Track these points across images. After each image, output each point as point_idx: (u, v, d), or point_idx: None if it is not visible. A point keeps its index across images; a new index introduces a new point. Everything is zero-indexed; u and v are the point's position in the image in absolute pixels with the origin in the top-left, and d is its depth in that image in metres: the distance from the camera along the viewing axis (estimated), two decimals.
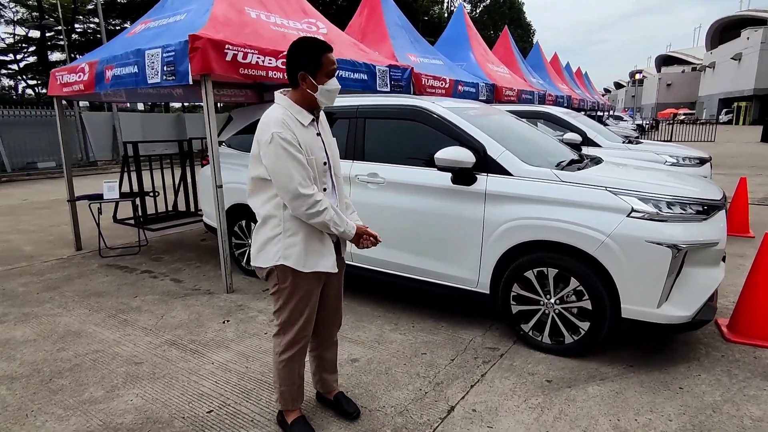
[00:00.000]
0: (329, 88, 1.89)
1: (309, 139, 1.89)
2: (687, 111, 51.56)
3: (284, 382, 2.13)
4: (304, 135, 1.88)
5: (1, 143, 13.95)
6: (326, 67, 1.88)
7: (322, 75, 1.88)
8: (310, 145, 1.89)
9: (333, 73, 1.91)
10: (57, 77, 5.15)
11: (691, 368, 2.71)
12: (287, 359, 2.09)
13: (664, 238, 2.47)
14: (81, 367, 2.87)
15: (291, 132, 1.83)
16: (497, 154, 2.99)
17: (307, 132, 1.90)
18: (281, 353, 2.09)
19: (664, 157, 5.41)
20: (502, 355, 2.90)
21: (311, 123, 1.93)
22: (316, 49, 1.87)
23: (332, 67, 1.89)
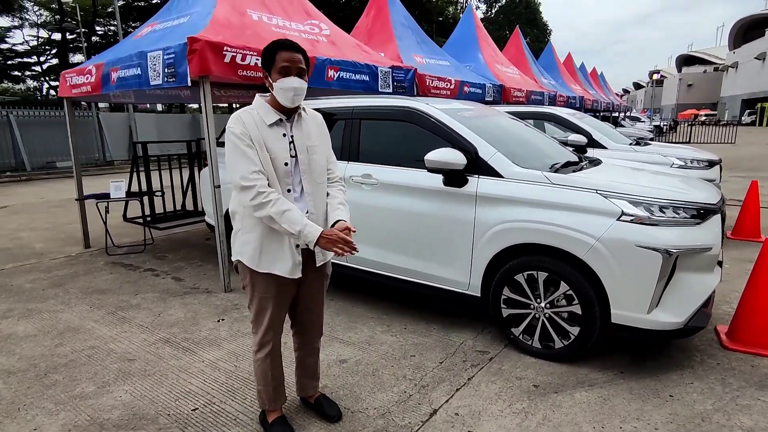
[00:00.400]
0: (282, 86, 1.85)
1: (270, 139, 1.89)
2: (708, 112, 50.47)
3: (259, 381, 2.17)
4: (266, 134, 1.88)
5: (22, 143, 14.32)
6: (278, 63, 1.85)
7: (275, 72, 1.86)
8: (270, 145, 1.88)
9: (286, 70, 1.85)
10: (66, 79, 5.28)
11: (684, 376, 2.65)
12: (260, 359, 2.12)
13: (655, 242, 2.42)
14: (76, 362, 2.93)
15: (244, 128, 1.85)
16: (489, 156, 2.97)
17: (269, 131, 1.90)
18: (255, 352, 2.13)
19: (671, 159, 5.29)
20: (492, 358, 2.88)
21: (277, 123, 1.92)
22: (271, 47, 1.89)
23: (283, 64, 1.85)
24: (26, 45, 28.27)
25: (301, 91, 1.89)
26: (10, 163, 14.20)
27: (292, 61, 1.86)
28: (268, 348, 2.09)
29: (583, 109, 12.28)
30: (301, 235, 1.82)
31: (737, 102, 48.99)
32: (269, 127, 1.91)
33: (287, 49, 1.87)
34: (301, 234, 1.82)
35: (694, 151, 5.80)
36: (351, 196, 3.51)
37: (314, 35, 5.08)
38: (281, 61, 1.85)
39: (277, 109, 1.93)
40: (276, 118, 1.92)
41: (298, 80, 1.86)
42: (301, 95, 1.90)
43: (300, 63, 1.88)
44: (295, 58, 1.86)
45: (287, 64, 1.85)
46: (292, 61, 1.86)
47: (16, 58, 28.47)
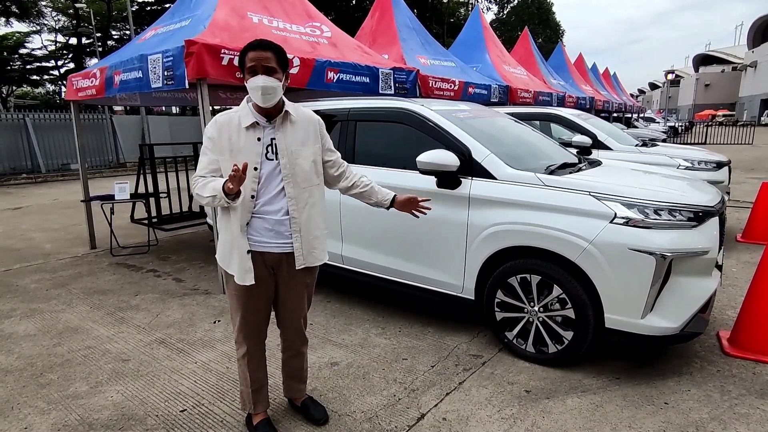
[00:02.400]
0: (250, 86, 1.84)
1: (242, 142, 1.88)
2: (726, 112, 49.40)
3: (241, 382, 2.21)
4: (240, 137, 1.89)
5: (37, 145, 14.62)
6: (246, 64, 1.85)
7: (245, 72, 1.86)
8: (240, 147, 1.88)
9: (252, 69, 1.82)
10: (73, 82, 5.37)
11: (682, 383, 2.58)
12: (238, 359, 2.16)
13: (648, 245, 2.36)
14: (72, 362, 2.97)
15: (214, 131, 1.91)
16: (482, 158, 2.94)
17: (244, 134, 1.89)
18: (237, 352, 2.17)
19: (678, 160, 5.18)
20: (485, 363, 2.84)
21: (252, 126, 1.90)
22: (243, 49, 1.88)
23: (250, 64, 1.83)
24: (45, 50, 28.90)
25: (271, 90, 1.83)
26: (26, 165, 14.51)
27: (257, 59, 1.82)
28: (244, 349, 2.12)
29: (593, 110, 12.12)
30: (216, 190, 1.78)
31: (756, 102, 47.89)
32: (245, 130, 1.89)
33: (254, 49, 1.84)
34: (215, 190, 1.78)
35: (702, 153, 5.67)
36: (346, 199, 3.51)
37: (315, 37, 5.09)
38: (248, 61, 1.83)
39: (258, 112, 1.91)
40: (252, 120, 1.89)
41: (263, 78, 1.81)
42: (272, 94, 1.84)
43: (267, 61, 1.83)
44: (261, 56, 1.82)
45: (253, 63, 1.82)
46: (257, 60, 1.82)
47: (35, 63, 29.13)
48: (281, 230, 1.95)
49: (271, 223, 1.93)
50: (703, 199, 2.69)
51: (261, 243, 1.95)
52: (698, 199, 2.67)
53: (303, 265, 2.03)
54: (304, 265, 2.03)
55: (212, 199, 1.81)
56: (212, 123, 1.92)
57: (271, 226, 1.93)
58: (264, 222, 1.93)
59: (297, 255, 1.99)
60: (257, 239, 1.94)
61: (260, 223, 1.93)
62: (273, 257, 1.98)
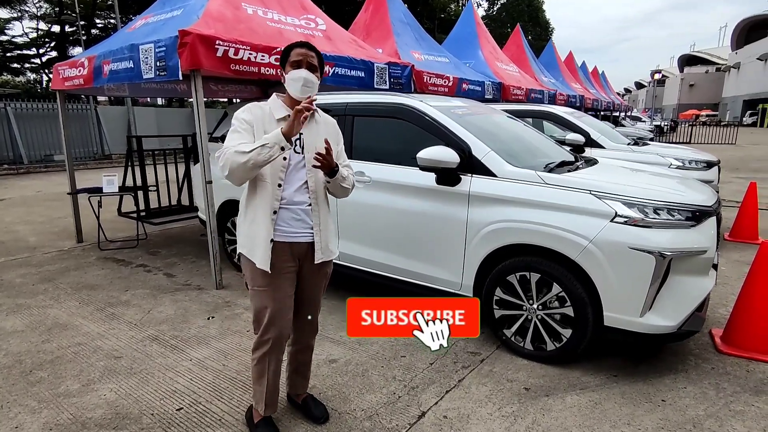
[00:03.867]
0: (292, 77, 1.93)
1: (272, 131, 1.88)
2: (710, 112, 50.31)
3: (254, 381, 2.14)
4: (269, 126, 1.95)
5: (20, 136, 14.25)
6: (291, 58, 1.96)
7: (288, 66, 1.96)
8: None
9: (297, 63, 1.94)
10: (59, 71, 5.22)
11: (678, 380, 2.61)
12: (257, 358, 2.09)
13: (648, 244, 2.37)
14: (62, 359, 2.90)
15: (250, 116, 1.97)
16: (482, 155, 2.92)
17: (274, 124, 1.95)
18: (252, 351, 2.11)
19: (669, 159, 5.24)
20: (483, 360, 2.84)
21: (285, 118, 1.94)
22: (288, 47, 2.02)
23: (295, 58, 1.94)
24: (26, 37, 28.14)
25: (311, 84, 1.93)
26: (8, 156, 14.14)
27: (304, 55, 1.95)
28: (266, 348, 2.05)
29: (583, 109, 12.21)
30: (269, 141, 1.80)
31: (739, 103, 48.86)
32: (277, 121, 1.97)
33: (301, 47, 1.98)
34: (268, 141, 1.80)
35: (693, 152, 5.75)
36: None
37: (310, 30, 5.02)
38: (294, 56, 1.96)
39: (289, 106, 1.99)
40: (284, 113, 1.97)
41: (306, 72, 1.93)
42: (311, 88, 1.93)
43: (311, 58, 1.96)
44: (307, 54, 1.96)
45: (300, 58, 1.95)
46: (304, 55, 1.95)
47: (16, 50, 28.34)
48: (306, 220, 2.02)
49: (298, 213, 2.00)
50: (701, 199, 2.71)
51: (289, 233, 1.99)
52: (696, 198, 2.70)
53: (321, 260, 2.07)
54: (322, 259, 2.07)
55: (262, 149, 1.79)
56: (245, 108, 2.00)
57: (298, 216, 2.00)
58: (290, 212, 1.99)
59: (317, 249, 2.04)
60: (286, 229, 1.99)
61: (287, 214, 1.98)
62: (301, 247, 2.03)
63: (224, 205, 4.46)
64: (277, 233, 1.96)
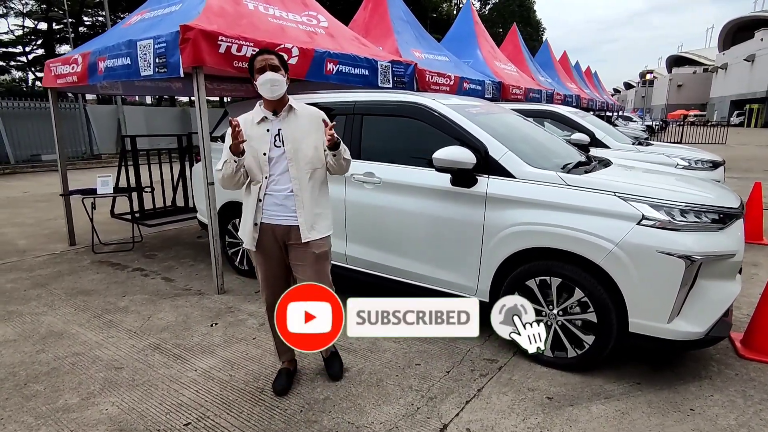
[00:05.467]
0: (260, 82, 2.21)
1: (254, 134, 2.26)
2: (698, 113, 50.91)
3: (272, 335, 2.51)
4: (252, 131, 2.27)
5: (6, 135, 13.91)
6: (255, 66, 2.24)
7: (255, 73, 2.23)
8: (253, 138, 2.24)
9: (261, 70, 2.20)
10: (51, 68, 5.03)
11: (703, 387, 2.53)
12: (268, 317, 2.45)
13: (677, 248, 2.29)
14: (59, 371, 2.75)
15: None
16: (499, 155, 2.83)
17: (256, 128, 2.28)
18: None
19: (676, 159, 5.20)
20: (501, 367, 2.74)
21: (262, 120, 2.29)
22: (251, 58, 2.31)
23: (259, 65, 2.22)
24: (11, 35, 27.53)
25: (277, 82, 2.20)
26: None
27: (264, 60, 2.23)
28: (268, 314, 2.44)
29: (579, 108, 12.19)
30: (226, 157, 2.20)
31: (726, 103, 49.52)
32: (257, 124, 2.29)
33: (261, 54, 2.28)
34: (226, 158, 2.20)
35: (698, 152, 5.72)
36: (352, 195, 3.37)
37: (312, 27, 4.89)
38: (257, 63, 2.23)
39: (266, 108, 2.30)
40: (261, 116, 2.29)
41: (270, 73, 2.19)
42: (278, 86, 2.21)
43: (271, 60, 2.24)
44: (266, 58, 2.24)
45: (262, 63, 2.22)
46: (264, 60, 2.23)
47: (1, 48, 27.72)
48: (288, 205, 2.29)
49: (279, 199, 2.28)
50: (727, 201, 2.64)
51: (271, 216, 2.30)
52: (721, 200, 2.63)
53: (308, 239, 2.31)
54: (309, 239, 2.31)
55: (226, 165, 2.20)
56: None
57: (279, 201, 2.28)
58: (274, 198, 2.29)
59: (302, 229, 2.30)
60: (269, 213, 2.30)
61: (271, 199, 2.29)
62: (281, 229, 2.31)
63: (225, 207, 4.32)
64: (263, 216, 2.30)
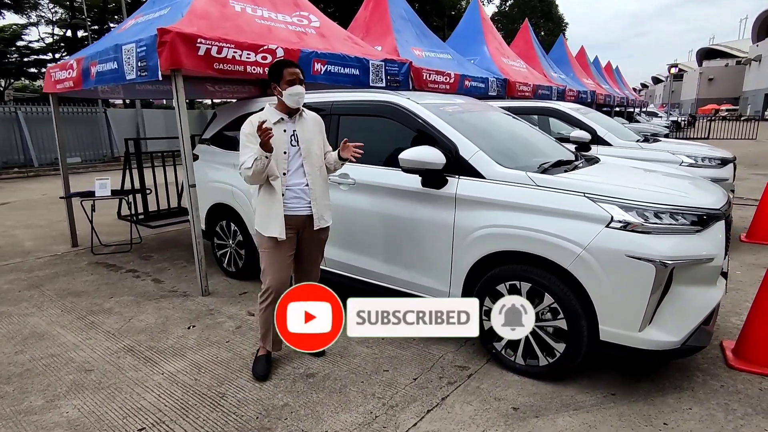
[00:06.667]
0: (290, 93, 2.50)
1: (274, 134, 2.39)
2: (730, 107, 48.97)
3: (262, 326, 2.67)
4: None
5: (30, 139, 14.41)
6: (285, 77, 2.50)
7: (284, 83, 2.50)
8: (274, 139, 2.38)
9: (292, 82, 2.49)
10: (51, 74, 5.15)
11: (682, 400, 2.38)
12: (263, 307, 2.60)
13: (647, 252, 2.16)
14: (31, 372, 2.78)
15: (252, 128, 2.42)
16: (470, 155, 2.73)
17: (274, 128, 2.43)
18: (259, 298, 2.64)
19: (680, 157, 4.96)
20: (471, 375, 2.65)
21: (279, 121, 2.54)
22: (278, 65, 2.58)
23: (290, 77, 2.49)
24: (42, 42, 28.56)
25: (303, 95, 2.55)
26: (19, 159, 14.30)
27: (296, 74, 2.52)
28: (271, 297, 2.55)
29: (594, 104, 11.85)
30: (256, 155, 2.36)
31: (760, 96, 47.41)
32: (274, 124, 2.48)
33: (291, 66, 2.56)
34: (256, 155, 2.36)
35: (707, 149, 5.44)
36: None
37: (302, 27, 4.87)
38: (288, 75, 2.50)
39: (281, 111, 2.58)
40: (279, 117, 2.56)
41: (301, 87, 2.52)
42: (302, 98, 2.55)
43: (300, 75, 2.54)
44: (297, 72, 2.54)
45: (293, 77, 2.51)
46: (296, 74, 2.52)
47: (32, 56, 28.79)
48: (303, 197, 2.58)
49: (297, 193, 2.57)
50: (708, 201, 2.48)
51: (291, 208, 2.56)
52: (703, 200, 2.47)
53: (319, 227, 2.65)
54: (319, 226, 2.65)
55: (257, 162, 2.35)
56: (248, 123, 2.49)
57: (297, 194, 2.57)
58: (292, 192, 2.56)
59: (315, 218, 2.62)
60: (288, 205, 2.55)
61: (290, 194, 2.56)
62: (299, 219, 2.59)
63: (212, 209, 4.34)
64: (285, 209, 2.53)
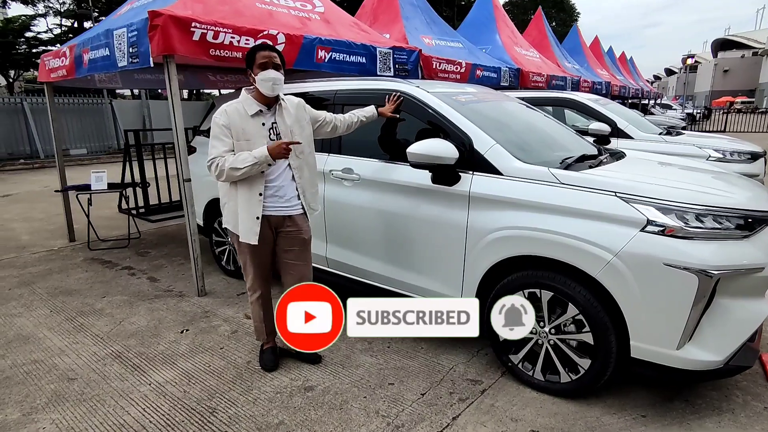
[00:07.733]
0: (262, 78, 2.27)
1: (250, 127, 2.30)
2: (745, 99, 47.86)
3: (254, 318, 2.65)
4: (247, 123, 2.30)
5: (36, 130, 14.31)
6: (257, 60, 2.29)
7: (256, 68, 2.28)
8: (249, 132, 2.29)
9: (263, 66, 2.27)
10: (45, 63, 4.95)
11: (722, 424, 2.13)
12: (253, 301, 2.59)
13: (690, 260, 1.90)
14: (11, 380, 2.60)
15: (226, 119, 2.28)
16: (485, 149, 2.47)
17: (251, 121, 2.30)
18: (249, 296, 2.61)
19: (708, 151, 4.65)
20: (484, 391, 2.41)
21: (257, 113, 2.32)
22: (252, 50, 2.36)
23: (262, 60, 2.28)
24: (50, 33, 28.47)
25: (279, 81, 2.29)
26: (25, 151, 14.20)
27: (268, 57, 2.29)
28: (258, 293, 2.55)
29: (609, 96, 11.46)
30: (258, 158, 2.20)
31: None
32: (251, 117, 2.31)
33: (264, 49, 2.34)
34: (257, 158, 2.20)
35: (735, 142, 5.12)
36: (330, 193, 3.08)
37: (306, 12, 4.60)
38: (260, 59, 2.28)
39: (259, 101, 2.35)
40: (257, 109, 2.33)
41: (274, 72, 2.28)
42: (279, 85, 2.30)
43: (275, 59, 2.32)
44: (270, 55, 2.30)
45: (265, 60, 2.28)
46: (268, 58, 2.29)
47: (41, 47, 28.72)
48: (283, 195, 2.40)
49: (276, 191, 2.37)
50: (755, 202, 2.21)
51: (268, 208, 2.37)
52: (748, 201, 2.20)
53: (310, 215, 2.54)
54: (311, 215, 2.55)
55: (251, 167, 2.21)
56: (221, 113, 2.30)
57: (276, 192, 2.38)
58: (271, 190, 2.37)
59: (306, 209, 2.50)
60: (267, 205, 2.37)
61: (269, 192, 2.37)
62: (276, 219, 2.42)
63: (211, 204, 4.12)
64: (263, 209, 2.35)
